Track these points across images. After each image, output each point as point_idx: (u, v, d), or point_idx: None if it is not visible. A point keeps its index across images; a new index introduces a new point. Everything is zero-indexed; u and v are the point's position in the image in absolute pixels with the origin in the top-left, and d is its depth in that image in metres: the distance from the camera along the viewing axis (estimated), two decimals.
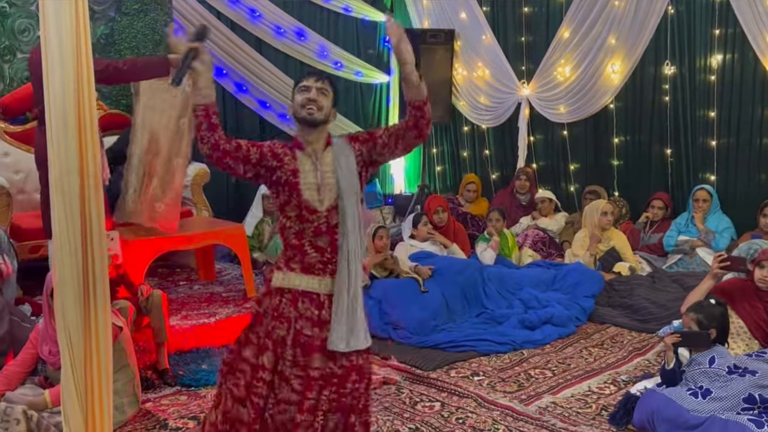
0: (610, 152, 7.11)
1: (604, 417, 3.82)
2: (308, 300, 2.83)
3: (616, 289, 5.73)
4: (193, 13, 7.12)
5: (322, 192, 2.84)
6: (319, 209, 2.83)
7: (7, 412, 3.20)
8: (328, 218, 2.84)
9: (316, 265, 2.84)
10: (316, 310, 2.82)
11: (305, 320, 2.81)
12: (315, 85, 2.87)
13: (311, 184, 2.84)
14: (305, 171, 2.85)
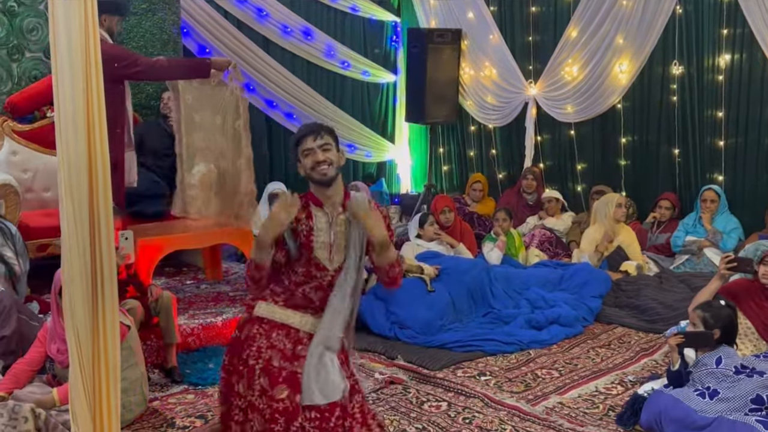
0: (617, 152, 7.09)
1: (612, 417, 3.82)
2: (284, 333, 2.87)
3: (624, 289, 5.72)
4: (201, 13, 7.12)
5: (332, 252, 2.90)
6: (328, 268, 2.90)
7: (16, 410, 3.21)
8: (333, 277, 2.90)
9: (301, 305, 2.91)
10: (290, 344, 2.86)
11: (276, 351, 2.84)
12: (316, 144, 2.87)
13: (323, 243, 2.89)
14: (319, 229, 2.89)
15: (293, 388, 2.78)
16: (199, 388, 4.16)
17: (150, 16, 6.35)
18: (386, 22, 8.65)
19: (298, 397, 2.77)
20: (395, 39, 8.76)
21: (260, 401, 2.82)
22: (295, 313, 2.90)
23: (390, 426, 3.73)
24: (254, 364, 2.84)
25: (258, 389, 2.82)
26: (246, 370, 2.85)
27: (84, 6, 2.68)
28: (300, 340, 2.87)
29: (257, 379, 2.82)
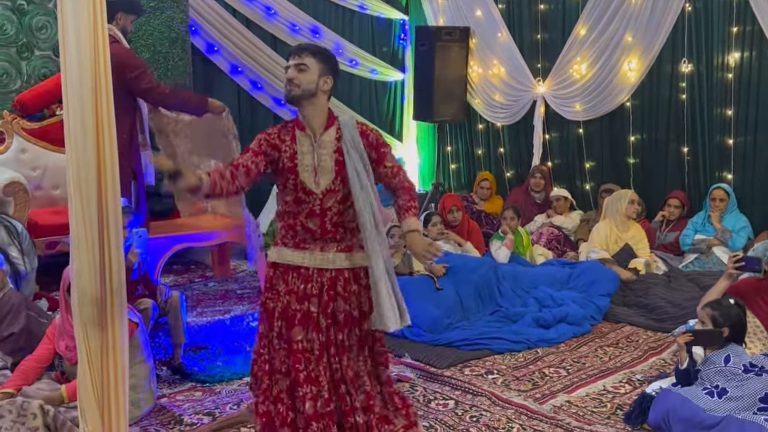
0: (626, 150, 7.06)
1: (619, 416, 3.81)
2: (296, 274, 2.97)
3: (632, 288, 5.70)
4: (210, 11, 7.13)
5: (318, 174, 2.94)
6: (315, 191, 2.94)
7: (24, 406, 3.22)
8: (322, 201, 2.94)
9: (306, 241, 2.98)
10: (302, 284, 2.96)
11: (292, 295, 2.96)
12: (293, 63, 2.94)
13: (308, 166, 2.94)
14: (303, 152, 2.94)
15: (309, 327, 2.93)
16: (207, 385, 4.17)
17: (158, 15, 6.37)
18: (394, 20, 8.64)
19: (314, 335, 2.92)
20: (403, 37, 8.75)
21: (278, 342, 2.97)
22: (303, 252, 2.98)
23: None
24: (273, 306, 2.99)
25: (276, 331, 2.97)
26: (266, 313, 3.02)
27: (93, 3, 2.68)
28: (309, 278, 2.96)
29: (276, 322, 2.98)
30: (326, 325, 2.96)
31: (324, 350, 2.95)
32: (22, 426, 3.17)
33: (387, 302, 2.91)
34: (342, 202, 2.99)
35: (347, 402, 2.98)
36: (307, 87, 2.92)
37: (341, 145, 2.95)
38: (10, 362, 3.86)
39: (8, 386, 3.51)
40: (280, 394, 2.99)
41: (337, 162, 2.96)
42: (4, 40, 5.92)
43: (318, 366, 2.93)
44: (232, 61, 7.41)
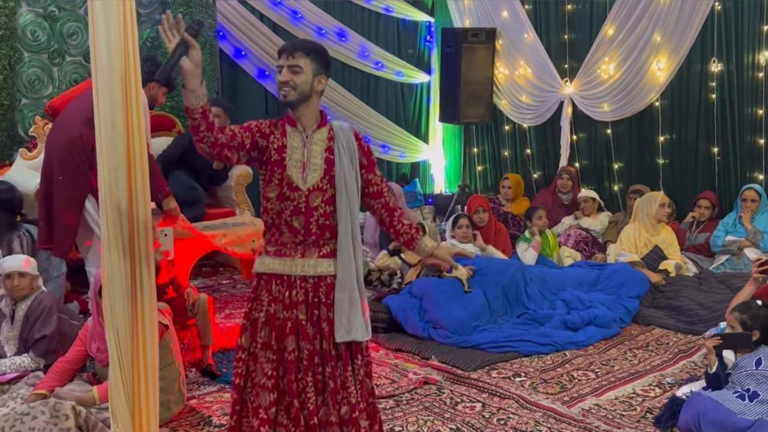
0: (655, 151, 7.00)
1: (649, 420, 3.77)
2: (279, 281, 2.86)
3: (662, 290, 5.64)
4: (237, 16, 7.19)
5: (306, 170, 2.83)
6: (301, 187, 2.83)
7: (57, 407, 3.27)
8: (308, 198, 2.83)
9: (288, 245, 2.86)
10: (286, 290, 2.85)
11: (277, 303, 2.85)
12: (285, 63, 2.79)
13: (296, 161, 2.83)
14: (292, 147, 2.83)
15: (300, 336, 2.83)
16: None
17: (187, 20, 6.41)
18: (420, 23, 8.64)
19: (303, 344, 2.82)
20: (429, 39, 8.75)
21: (263, 353, 2.84)
22: (284, 260, 2.86)
23: (424, 426, 3.73)
24: (258, 317, 2.88)
25: (261, 341, 2.85)
26: (249, 323, 2.90)
27: (123, 8, 2.72)
28: (292, 285, 2.85)
29: (259, 332, 2.86)
30: (313, 333, 2.86)
31: (311, 360, 2.84)
32: (54, 427, 3.22)
33: (358, 313, 2.85)
34: (328, 202, 2.86)
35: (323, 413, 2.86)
36: (303, 89, 2.79)
37: (333, 145, 2.86)
38: (42, 364, 3.93)
39: (41, 387, 3.57)
40: (258, 410, 2.83)
41: (327, 160, 2.86)
42: (35, 46, 6.02)
43: (306, 377, 2.83)
44: (259, 66, 7.46)
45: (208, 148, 2.73)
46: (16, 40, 5.91)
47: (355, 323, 2.84)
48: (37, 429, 3.19)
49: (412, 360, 4.67)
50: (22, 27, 5.96)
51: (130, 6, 2.73)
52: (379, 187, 2.96)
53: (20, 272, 3.96)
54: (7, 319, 4.02)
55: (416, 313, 5.05)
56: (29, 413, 3.23)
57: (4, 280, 4.01)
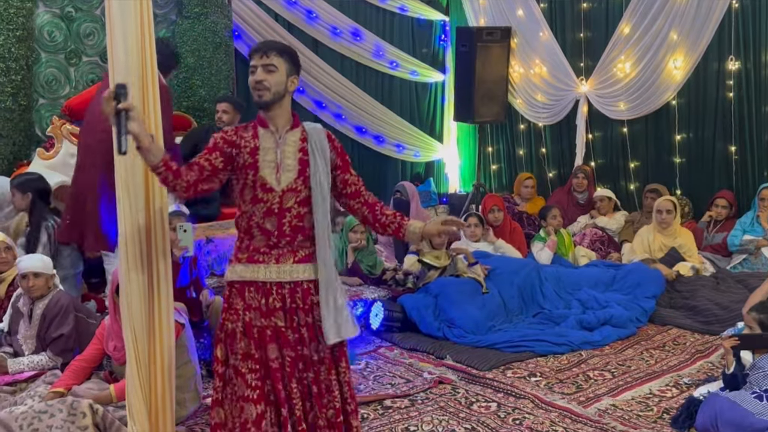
0: (671, 149, 6.95)
1: (666, 420, 3.75)
2: (254, 288, 2.78)
3: (678, 290, 5.61)
4: (252, 16, 7.21)
5: (280, 171, 2.77)
6: (275, 188, 2.77)
7: (74, 405, 3.29)
8: (281, 200, 2.77)
9: (261, 250, 2.79)
10: (262, 297, 2.78)
11: (253, 311, 2.77)
12: (260, 63, 2.74)
13: (270, 162, 2.77)
14: (265, 148, 2.78)
15: (281, 343, 2.76)
16: None
17: (203, 20, 6.45)
18: (435, 22, 8.63)
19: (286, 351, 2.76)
20: (444, 38, 8.74)
21: (244, 364, 2.75)
22: (257, 266, 2.78)
23: (438, 426, 3.73)
24: (233, 327, 2.79)
25: (241, 352, 2.76)
26: (224, 335, 2.81)
27: (140, 8, 2.74)
28: (268, 292, 2.78)
29: (238, 343, 2.77)
30: (294, 339, 2.80)
31: (295, 366, 2.79)
32: (72, 425, 3.24)
33: (342, 311, 2.80)
34: (302, 204, 2.81)
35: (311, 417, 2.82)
36: (277, 89, 2.75)
37: (306, 146, 2.82)
38: (59, 362, 3.95)
39: (59, 386, 3.59)
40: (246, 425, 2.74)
41: (300, 161, 2.81)
42: (52, 47, 6.07)
43: (291, 383, 2.77)
44: None
45: (183, 192, 2.73)
46: (34, 40, 5.95)
47: (342, 323, 2.80)
48: (54, 427, 3.21)
49: (426, 359, 4.67)
50: (39, 27, 6.00)
51: (146, 6, 2.75)
52: (357, 186, 2.93)
53: (35, 272, 3.99)
54: (24, 318, 4.06)
55: (431, 312, 5.05)
56: (47, 411, 3.26)
57: (20, 280, 4.04)
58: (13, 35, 5.71)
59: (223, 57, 6.62)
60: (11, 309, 4.15)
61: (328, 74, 7.75)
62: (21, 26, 5.76)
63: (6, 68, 5.69)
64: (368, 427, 3.71)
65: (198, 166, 2.73)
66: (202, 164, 2.73)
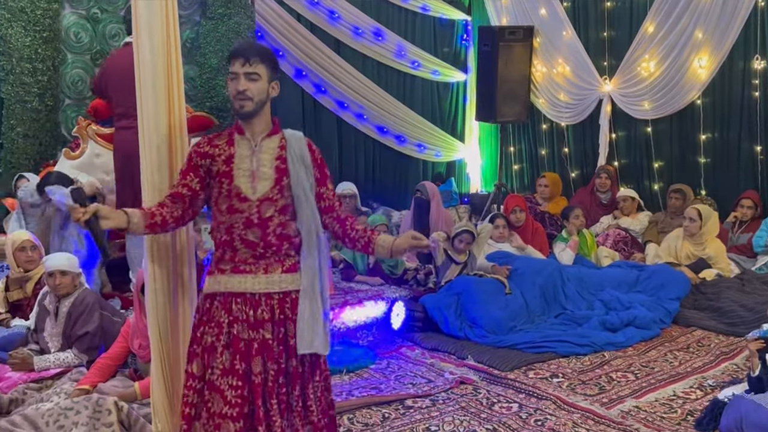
0: (696, 149, 6.89)
1: (690, 423, 3.72)
2: (241, 299, 2.67)
3: (703, 291, 5.56)
4: (275, 16, 7.25)
5: (255, 180, 2.66)
6: (250, 197, 2.65)
7: (100, 402, 3.34)
8: (259, 209, 2.66)
9: (247, 261, 2.69)
10: (250, 309, 2.66)
11: (241, 323, 2.66)
12: (242, 71, 2.62)
13: (245, 170, 2.66)
14: (241, 156, 2.68)
15: (267, 357, 2.66)
16: None
17: (226, 21, 6.49)
18: (457, 21, 8.62)
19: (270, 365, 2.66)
20: (466, 38, 8.72)
21: (224, 380, 2.63)
22: (245, 276, 2.68)
23: (460, 426, 3.73)
24: (214, 341, 2.67)
25: (220, 368, 2.64)
26: (201, 349, 2.69)
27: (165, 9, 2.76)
28: (257, 303, 2.67)
29: (219, 357, 2.65)
30: (278, 352, 2.68)
31: (276, 381, 2.67)
32: (97, 422, 3.28)
33: (319, 324, 2.69)
34: (282, 212, 2.69)
35: None
36: (260, 98, 2.64)
37: (284, 154, 2.70)
38: (85, 360, 4.00)
39: (84, 383, 3.64)
40: None
41: (277, 170, 2.68)
42: (78, 47, 6.13)
43: (271, 399, 2.66)
44: (296, 66, 7.51)
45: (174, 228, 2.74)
46: (60, 41, 6.03)
47: (315, 335, 2.68)
48: (80, 423, 3.25)
49: (448, 360, 4.67)
50: (66, 29, 6.07)
51: (172, 7, 2.77)
52: (331, 201, 2.81)
53: (62, 270, 4.04)
54: (51, 316, 4.11)
55: (453, 312, 5.05)
56: (73, 408, 3.30)
57: (47, 278, 4.10)
58: (40, 36, 5.79)
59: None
60: (38, 307, 4.20)
61: (350, 74, 7.77)
62: (47, 27, 5.84)
63: (33, 69, 5.77)
64: (389, 426, 3.72)
65: (178, 197, 2.69)
66: (180, 193, 2.69)
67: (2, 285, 4.61)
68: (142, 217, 2.62)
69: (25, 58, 5.75)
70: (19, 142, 5.80)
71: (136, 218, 2.60)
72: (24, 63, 5.74)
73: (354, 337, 4.87)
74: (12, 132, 5.80)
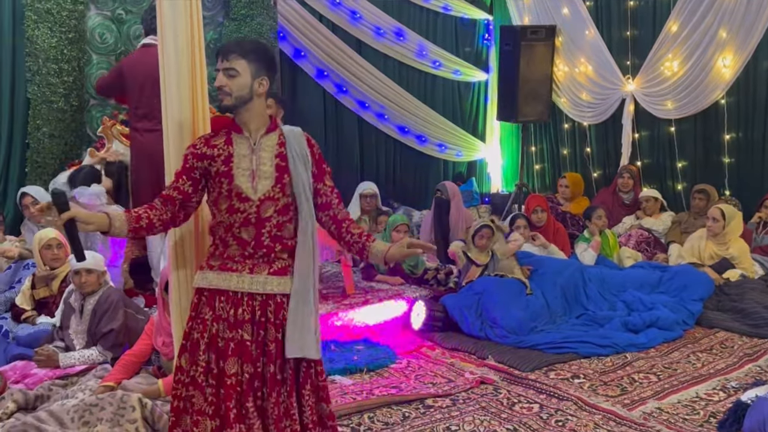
0: (720, 149, 6.83)
1: (713, 424, 3.69)
2: (224, 298, 2.65)
3: (726, 292, 5.50)
4: (297, 17, 7.28)
5: (256, 179, 2.64)
6: (251, 197, 2.64)
7: (124, 399, 3.37)
8: (259, 209, 2.64)
9: (235, 258, 2.66)
10: (231, 308, 2.64)
11: (221, 321, 2.64)
12: (221, 67, 2.64)
13: (245, 170, 2.64)
14: (240, 155, 2.66)
15: (243, 358, 2.61)
16: None
17: (249, 22, 6.54)
18: (478, 21, 8.61)
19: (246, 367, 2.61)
20: (487, 37, 8.71)
21: (204, 378, 2.63)
22: (230, 275, 2.66)
23: (480, 426, 3.73)
24: (198, 337, 2.65)
25: (203, 366, 2.63)
26: (189, 344, 2.68)
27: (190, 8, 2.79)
28: (239, 302, 2.64)
29: (201, 355, 2.64)
30: (256, 355, 2.63)
31: (251, 384, 2.62)
32: (121, 418, 3.32)
33: (310, 328, 2.64)
34: (282, 212, 2.67)
35: None
36: (240, 93, 2.62)
37: (284, 151, 2.67)
38: (109, 357, 4.05)
39: (109, 380, 3.69)
40: None
41: (278, 168, 2.66)
42: (104, 48, 6.21)
43: (246, 402, 2.60)
44: (318, 66, 7.54)
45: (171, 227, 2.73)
46: (85, 42, 6.11)
47: (305, 339, 2.64)
48: (104, 420, 3.29)
49: (468, 359, 4.67)
50: (91, 30, 6.15)
51: (196, 7, 2.80)
52: (329, 198, 2.77)
53: (87, 269, 4.09)
54: (76, 314, 4.16)
55: (473, 312, 5.04)
56: (97, 404, 3.35)
57: (73, 276, 4.15)
58: (66, 37, 5.86)
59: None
60: (63, 304, 4.26)
61: (372, 74, 7.79)
62: (73, 28, 5.92)
63: (59, 69, 5.85)
64: (410, 425, 3.73)
65: (168, 199, 2.67)
66: (171, 195, 2.67)
67: (29, 283, 4.68)
68: (127, 221, 2.60)
69: (51, 59, 5.83)
70: (45, 142, 5.89)
71: (118, 222, 2.58)
72: (50, 64, 5.82)
73: (374, 337, 4.89)
74: (38, 132, 5.88)
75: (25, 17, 5.79)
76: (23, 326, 4.47)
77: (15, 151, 6.03)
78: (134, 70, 4.92)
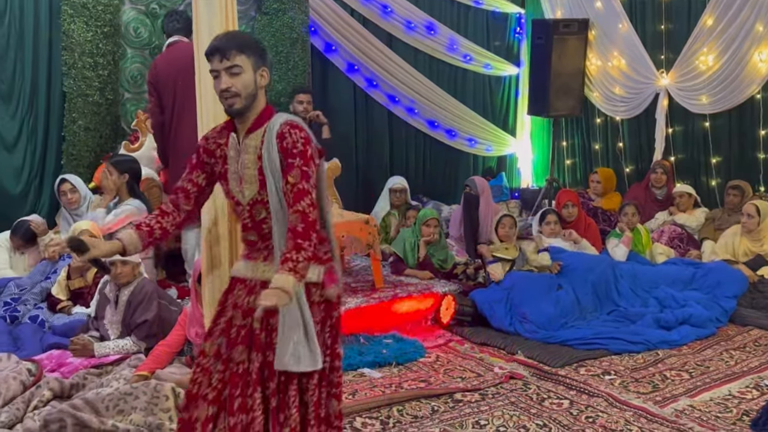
0: (755, 145, 6.72)
1: (746, 422, 3.65)
2: (243, 285, 2.59)
3: (761, 290, 5.43)
4: (329, 11, 7.29)
5: (242, 183, 2.51)
6: (242, 202, 2.53)
7: (158, 388, 3.43)
8: (251, 213, 2.53)
9: (252, 253, 2.60)
10: (246, 296, 2.56)
11: (237, 309, 2.58)
12: (221, 67, 2.43)
13: (234, 174, 2.53)
14: (230, 157, 2.54)
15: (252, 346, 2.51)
16: None
17: (281, 16, 6.56)
18: (510, 14, 8.55)
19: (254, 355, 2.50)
20: (519, 31, 8.65)
21: (213, 363, 2.55)
22: (248, 262, 2.60)
23: (509, 421, 3.72)
24: (219, 323, 2.62)
25: (215, 349, 2.57)
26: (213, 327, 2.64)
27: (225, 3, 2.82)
28: (252, 290, 2.55)
29: (216, 339, 2.59)
30: (265, 343, 2.51)
31: (261, 374, 2.50)
32: (155, 407, 3.37)
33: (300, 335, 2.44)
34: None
35: None
36: (248, 92, 2.44)
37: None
38: (143, 347, 4.12)
39: (143, 369, 3.75)
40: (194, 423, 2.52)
41: (261, 171, 2.48)
42: (138, 42, 6.28)
43: (254, 392, 2.48)
44: (348, 60, 7.55)
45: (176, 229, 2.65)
46: (120, 36, 6.18)
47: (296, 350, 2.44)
48: (138, 408, 3.35)
49: (497, 354, 4.66)
50: (125, 24, 6.22)
51: (231, 5, 2.83)
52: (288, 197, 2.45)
53: (122, 260, 4.15)
54: (111, 304, 4.23)
55: (503, 306, 5.03)
56: (132, 393, 3.41)
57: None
58: (101, 31, 5.94)
59: (300, 52, 6.72)
60: (98, 295, 4.34)
61: (402, 68, 7.78)
62: (108, 23, 5.99)
63: (94, 63, 5.92)
64: (439, 419, 3.74)
65: (183, 191, 2.62)
66: (186, 187, 2.61)
67: (64, 273, 4.77)
68: (140, 238, 2.55)
69: (87, 53, 5.90)
70: (80, 135, 5.97)
71: (132, 246, 2.55)
72: (85, 57, 5.89)
73: (403, 331, 4.90)
74: (74, 125, 5.96)
75: (62, 11, 5.87)
76: (59, 316, 4.56)
77: (51, 144, 6.12)
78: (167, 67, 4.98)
